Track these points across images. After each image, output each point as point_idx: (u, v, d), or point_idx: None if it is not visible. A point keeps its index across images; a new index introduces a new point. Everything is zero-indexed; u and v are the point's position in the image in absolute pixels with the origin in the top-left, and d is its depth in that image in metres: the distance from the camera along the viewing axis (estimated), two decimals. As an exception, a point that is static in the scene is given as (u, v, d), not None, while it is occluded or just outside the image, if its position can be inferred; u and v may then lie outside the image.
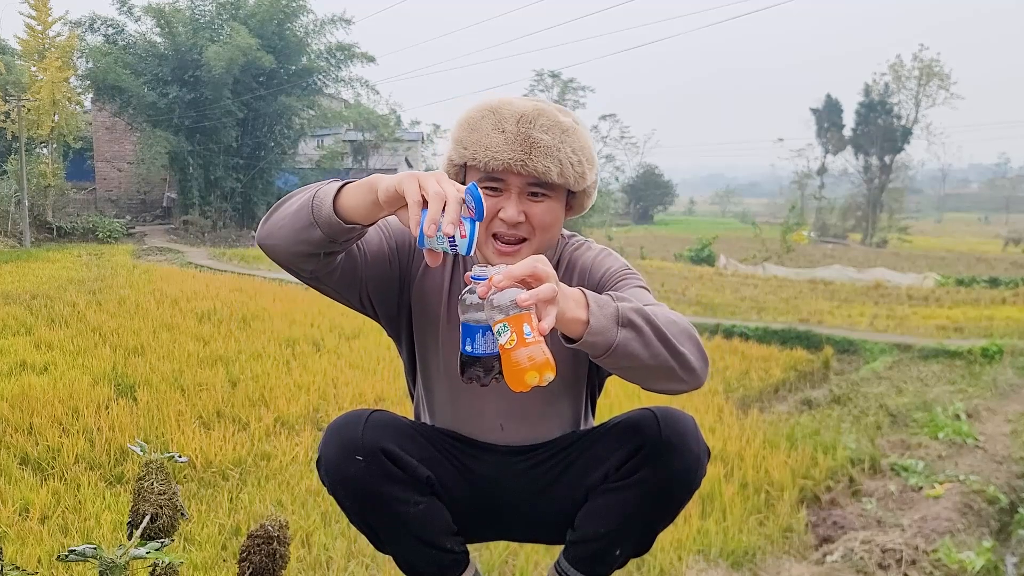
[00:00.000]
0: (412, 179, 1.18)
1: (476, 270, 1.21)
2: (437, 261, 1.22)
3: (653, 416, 1.48)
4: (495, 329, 1.16)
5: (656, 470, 1.46)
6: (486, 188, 1.42)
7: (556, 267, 1.54)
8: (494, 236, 1.44)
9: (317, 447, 1.53)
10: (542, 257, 1.20)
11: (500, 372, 1.20)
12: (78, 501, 3.33)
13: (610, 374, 1.67)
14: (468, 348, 1.23)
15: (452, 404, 1.59)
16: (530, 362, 1.14)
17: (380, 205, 1.22)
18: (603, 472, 1.51)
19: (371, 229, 1.44)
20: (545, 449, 1.59)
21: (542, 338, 1.16)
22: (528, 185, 1.42)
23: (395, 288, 1.54)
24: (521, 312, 1.15)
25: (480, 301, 1.18)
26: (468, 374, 1.25)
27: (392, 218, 1.28)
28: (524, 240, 1.45)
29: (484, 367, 1.23)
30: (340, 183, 1.30)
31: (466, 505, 1.58)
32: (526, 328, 1.15)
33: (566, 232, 1.61)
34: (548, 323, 1.15)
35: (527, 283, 1.17)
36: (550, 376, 1.16)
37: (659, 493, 1.48)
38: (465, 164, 1.46)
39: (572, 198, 1.51)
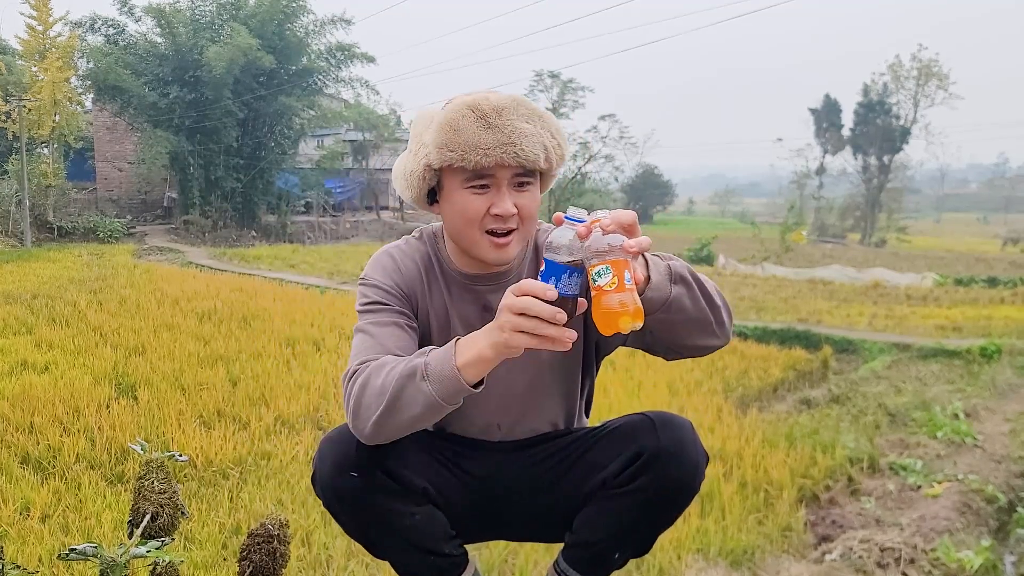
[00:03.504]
0: (508, 331, 1.19)
1: (572, 211, 1.21)
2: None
3: (651, 422, 1.48)
4: (593, 271, 1.17)
5: (655, 478, 1.45)
6: (473, 187, 1.38)
7: (534, 254, 1.54)
8: (488, 232, 1.41)
9: (311, 460, 1.51)
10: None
11: (578, 313, 1.22)
12: (79, 500, 3.34)
13: (598, 369, 1.69)
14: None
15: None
16: (623, 308, 1.15)
17: (502, 355, 1.24)
18: (601, 479, 1.50)
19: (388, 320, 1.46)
20: (542, 447, 1.59)
21: (635, 287, 1.17)
22: (515, 176, 1.39)
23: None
24: (622, 258, 1.16)
25: (572, 242, 1.19)
26: None
27: (378, 280, 1.38)
28: (514, 231, 1.42)
29: (566, 308, 1.21)
30: (442, 370, 1.27)
31: (464, 507, 1.57)
32: (626, 274, 1.16)
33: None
34: (642, 273, 1.17)
35: (630, 231, 1.19)
36: (639, 324, 1.17)
37: (658, 500, 1.47)
38: (442, 167, 1.40)
39: (542, 180, 1.48)
